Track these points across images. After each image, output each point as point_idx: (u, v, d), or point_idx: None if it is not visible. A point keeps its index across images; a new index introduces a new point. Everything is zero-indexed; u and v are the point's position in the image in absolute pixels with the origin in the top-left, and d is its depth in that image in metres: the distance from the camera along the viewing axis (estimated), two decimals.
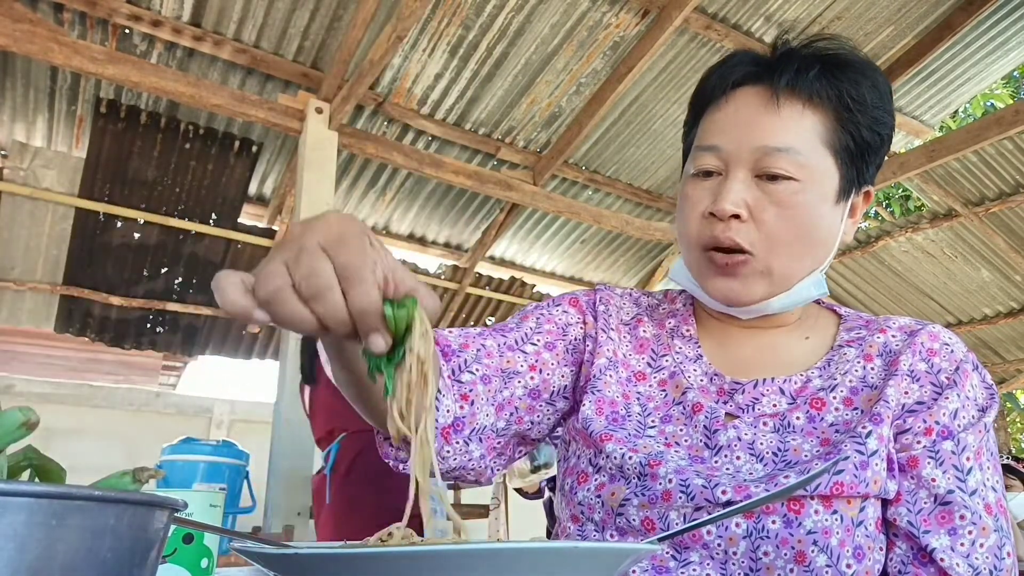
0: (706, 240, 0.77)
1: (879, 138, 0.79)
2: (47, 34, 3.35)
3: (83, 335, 5.03)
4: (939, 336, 0.80)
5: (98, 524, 0.28)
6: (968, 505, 0.70)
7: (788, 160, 0.74)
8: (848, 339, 0.82)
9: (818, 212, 0.76)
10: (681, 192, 0.82)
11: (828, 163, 0.77)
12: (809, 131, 0.76)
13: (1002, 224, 5.26)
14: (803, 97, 0.77)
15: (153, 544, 0.31)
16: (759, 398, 0.78)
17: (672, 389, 0.83)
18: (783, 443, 0.74)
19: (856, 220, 0.84)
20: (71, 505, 0.27)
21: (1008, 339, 6.43)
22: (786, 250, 0.75)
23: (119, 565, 0.29)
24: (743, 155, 0.76)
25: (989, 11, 4.25)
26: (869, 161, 0.80)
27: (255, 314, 0.45)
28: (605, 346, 0.86)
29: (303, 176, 3.93)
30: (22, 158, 4.28)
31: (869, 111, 0.77)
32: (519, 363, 0.83)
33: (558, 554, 0.39)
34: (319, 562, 0.37)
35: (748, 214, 0.75)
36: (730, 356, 0.84)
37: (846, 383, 0.77)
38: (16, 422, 0.34)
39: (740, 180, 0.75)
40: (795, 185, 0.75)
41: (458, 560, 0.36)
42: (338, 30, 3.89)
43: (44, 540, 0.27)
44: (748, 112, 0.78)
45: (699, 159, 0.79)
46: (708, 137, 0.80)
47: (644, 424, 0.80)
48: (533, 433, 0.86)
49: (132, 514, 0.30)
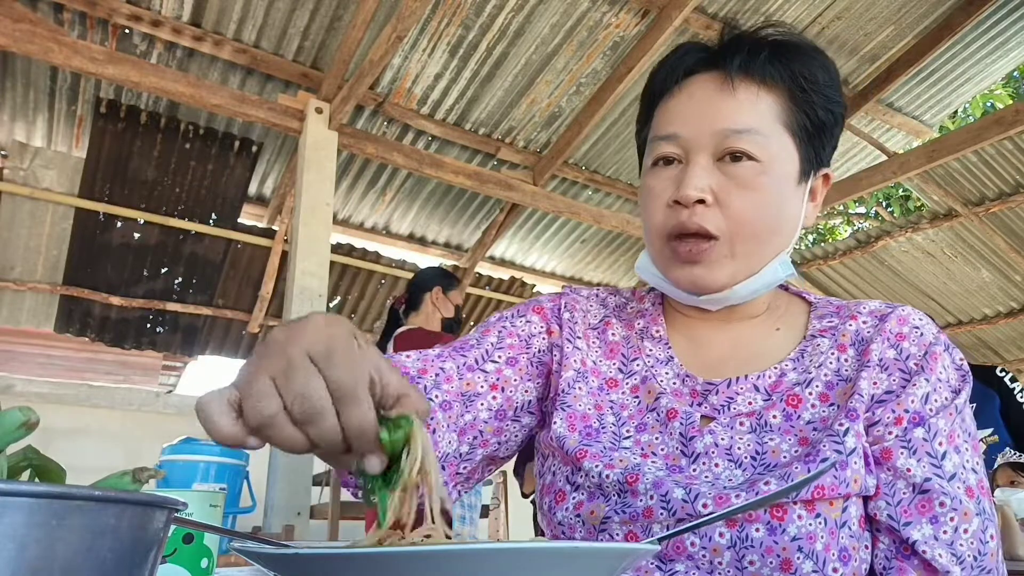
0: (672, 228, 0.76)
1: (833, 117, 0.80)
2: (47, 34, 3.35)
3: (83, 335, 5.03)
4: (908, 319, 0.78)
5: (98, 524, 0.28)
6: (947, 491, 0.68)
7: (749, 141, 0.74)
8: (820, 328, 0.81)
9: (781, 193, 0.76)
10: (642, 185, 0.82)
11: (787, 143, 0.77)
12: (767, 112, 0.76)
13: (1002, 224, 5.26)
14: (757, 79, 0.77)
15: (153, 544, 0.31)
16: (734, 397, 0.77)
17: (645, 395, 0.81)
18: (761, 444, 0.73)
19: (817, 204, 0.83)
20: (71, 505, 0.27)
21: (1008, 339, 6.42)
22: (752, 233, 0.75)
23: (119, 565, 0.29)
24: (703, 140, 0.76)
25: (989, 11, 4.25)
26: (825, 141, 0.80)
27: (249, 442, 0.43)
28: (572, 357, 0.85)
29: (303, 176, 3.93)
30: (22, 158, 4.28)
31: (822, 90, 0.78)
32: (479, 384, 0.81)
33: (558, 554, 0.39)
34: (319, 562, 0.37)
35: (713, 199, 0.75)
36: (701, 355, 0.83)
37: (821, 377, 0.76)
38: (16, 422, 0.34)
39: (702, 166, 0.75)
40: (758, 166, 0.75)
41: (458, 560, 0.36)
42: (338, 30, 3.89)
43: (44, 540, 0.27)
44: (704, 97, 0.78)
45: (658, 148, 0.79)
46: (665, 126, 0.79)
47: (619, 434, 0.79)
48: (501, 452, 0.84)
49: (132, 514, 0.30)
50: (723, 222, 0.75)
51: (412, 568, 0.36)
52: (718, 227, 0.75)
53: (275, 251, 5.08)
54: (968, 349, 6.67)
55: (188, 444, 3.01)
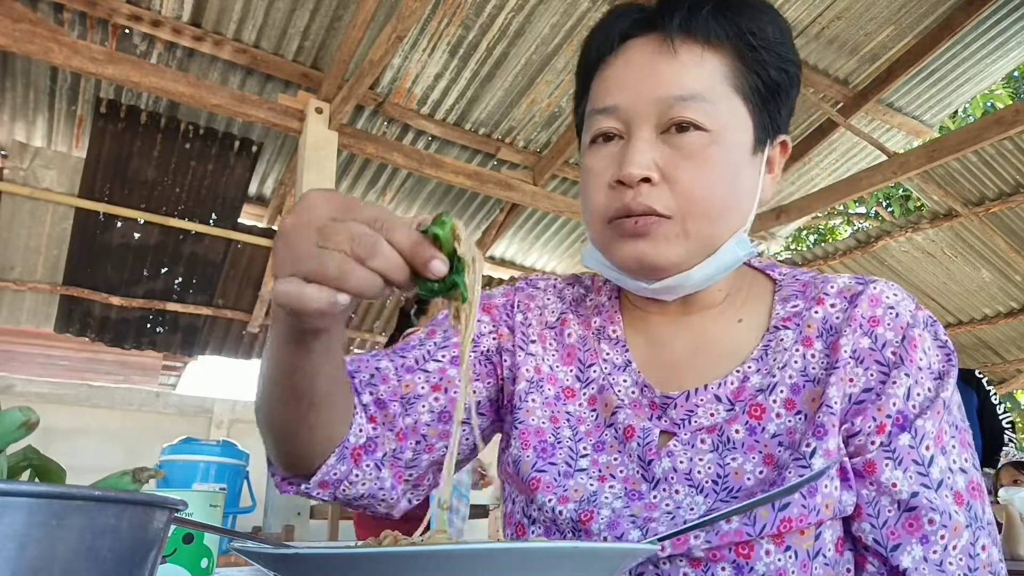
0: (616, 211, 0.69)
1: (788, 77, 0.73)
2: (47, 34, 3.35)
3: (83, 335, 5.03)
4: (881, 299, 0.71)
5: (98, 524, 0.28)
6: (935, 505, 0.63)
7: (695, 108, 0.67)
8: (784, 316, 0.73)
9: (735, 164, 0.69)
10: (582, 167, 0.74)
11: (739, 108, 0.70)
12: (713, 74, 0.69)
13: (1002, 224, 5.25)
14: (700, 39, 0.70)
15: (153, 544, 0.31)
16: (694, 410, 0.71)
17: (602, 408, 0.75)
18: (723, 466, 0.67)
19: (775, 175, 0.76)
20: (71, 505, 0.27)
21: (1008, 339, 6.42)
22: (704, 210, 0.68)
23: (119, 565, 0.29)
24: (644, 110, 0.69)
25: (989, 11, 4.25)
26: (780, 104, 0.73)
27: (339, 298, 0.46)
28: (525, 365, 0.79)
29: (303, 176, 3.93)
30: (22, 158, 4.28)
31: (773, 48, 0.71)
32: (419, 385, 0.76)
33: (558, 554, 0.39)
34: (319, 562, 0.37)
35: (659, 176, 0.68)
36: (660, 358, 0.76)
37: (786, 379, 0.69)
38: (16, 422, 0.34)
39: (645, 139, 0.68)
40: (706, 136, 0.68)
41: (458, 560, 0.36)
42: (338, 30, 3.89)
43: (44, 540, 0.27)
44: (642, 62, 0.70)
45: (596, 123, 0.72)
46: (602, 98, 0.72)
47: (576, 452, 0.74)
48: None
49: (132, 514, 0.30)
50: (672, 200, 0.68)
51: (412, 568, 0.36)
52: (667, 206, 0.68)
53: None
54: (968, 349, 6.68)
55: (188, 444, 3.01)
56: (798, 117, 4.95)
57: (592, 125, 0.72)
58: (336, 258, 0.46)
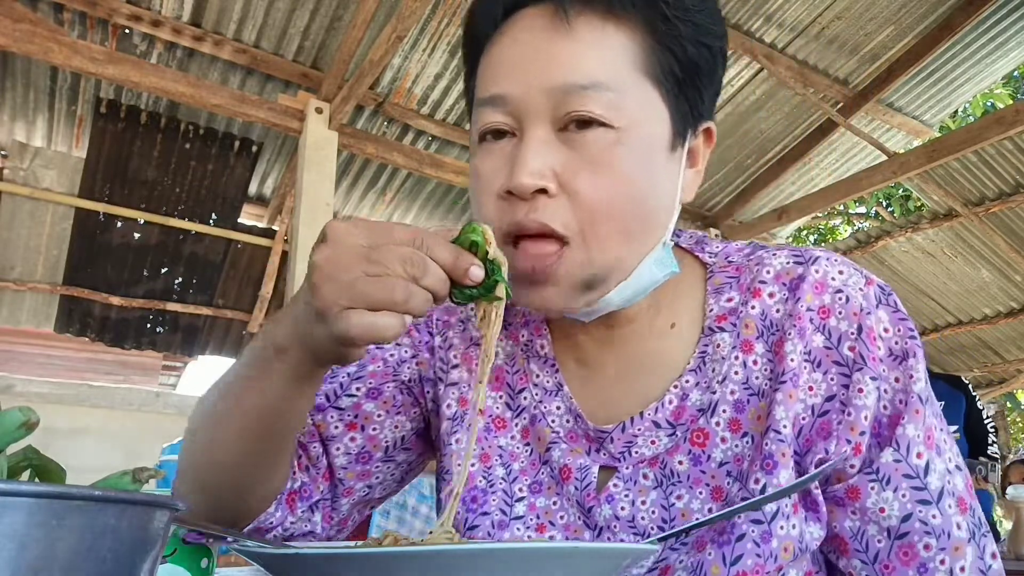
0: (508, 228, 0.58)
1: (709, 54, 0.61)
2: (47, 34, 3.35)
3: (83, 335, 5.03)
4: (827, 282, 0.61)
5: (98, 524, 0.28)
6: (933, 527, 0.55)
7: (596, 99, 0.56)
8: (719, 313, 0.64)
9: (648, 167, 0.58)
10: (470, 168, 0.63)
11: (651, 97, 0.58)
12: (617, 56, 0.57)
13: (1002, 224, 5.25)
14: (601, 10, 0.57)
15: (153, 544, 0.31)
16: (633, 441, 0.63)
17: (536, 442, 0.67)
18: (668, 506, 0.60)
19: (699, 168, 0.66)
20: (71, 505, 0.27)
21: (1008, 339, 6.42)
22: (613, 227, 0.57)
23: (119, 565, 0.29)
24: (536, 102, 0.57)
25: (989, 11, 4.24)
26: (702, 87, 0.61)
27: (407, 322, 0.48)
28: (447, 399, 0.70)
29: (303, 176, 3.93)
30: (22, 158, 4.28)
31: (692, 17, 0.59)
32: (332, 425, 0.70)
33: (558, 554, 0.39)
34: (319, 562, 0.37)
35: (557, 185, 0.57)
36: (591, 382, 0.67)
37: (727, 396, 0.61)
38: (16, 422, 0.34)
39: (539, 139, 0.57)
40: (612, 134, 0.56)
41: (458, 560, 0.36)
42: (338, 30, 3.89)
43: (44, 540, 0.27)
44: (531, 41, 0.58)
45: (482, 117, 0.60)
46: (487, 85, 0.60)
47: (511, 495, 0.65)
48: (376, 494, 0.74)
49: (132, 514, 0.30)
50: (572, 216, 0.57)
51: (412, 568, 0.36)
52: (566, 223, 0.57)
53: (275, 251, 5.08)
54: (968, 349, 6.68)
55: None
56: (798, 117, 4.95)
57: (478, 119, 0.61)
58: (400, 282, 0.47)
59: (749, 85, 4.65)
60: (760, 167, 5.36)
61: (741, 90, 4.67)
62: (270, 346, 0.57)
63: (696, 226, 5.69)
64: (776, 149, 5.22)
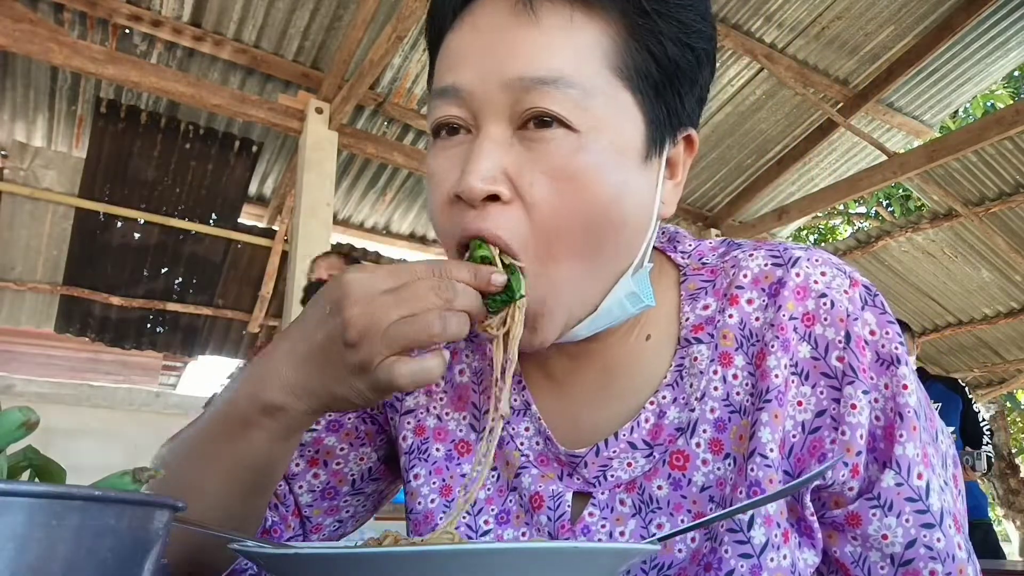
0: (460, 237, 0.53)
1: (693, 56, 0.54)
2: (47, 34, 3.35)
3: (83, 335, 5.03)
4: (810, 285, 0.56)
5: (98, 524, 0.28)
6: (937, 551, 0.52)
7: (558, 96, 0.50)
8: (695, 322, 0.59)
9: (616, 178, 0.52)
10: (427, 166, 0.58)
11: (622, 99, 0.52)
12: (586, 50, 0.51)
13: (1002, 224, 5.25)
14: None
15: (153, 544, 0.31)
16: (608, 464, 0.58)
17: (504, 467, 0.62)
18: (647, 535, 0.56)
19: (679, 180, 0.59)
20: (71, 505, 0.27)
21: (1008, 339, 6.42)
22: (572, 247, 0.52)
23: (119, 565, 0.29)
24: (492, 95, 0.51)
25: (989, 11, 4.25)
26: (683, 91, 0.55)
27: (445, 355, 0.49)
28: (403, 430, 0.66)
29: (303, 176, 3.93)
30: (22, 158, 4.28)
31: (675, 13, 0.53)
32: (293, 463, 0.67)
33: (558, 554, 0.39)
34: (319, 562, 0.37)
35: (511, 191, 0.51)
36: (562, 400, 0.63)
37: (707, 414, 0.56)
38: (16, 422, 0.34)
39: (493, 138, 0.51)
40: (574, 139, 0.50)
41: (458, 560, 0.36)
42: (338, 30, 3.89)
43: (44, 540, 0.27)
44: (491, 29, 0.52)
45: (436, 110, 0.55)
46: (442, 75, 0.54)
47: (476, 530, 0.61)
48: (348, 527, 0.72)
49: (132, 514, 0.30)
50: (528, 231, 0.51)
51: (412, 568, 0.36)
52: (521, 238, 0.51)
53: (275, 251, 5.08)
54: (968, 349, 6.68)
55: None
56: (798, 117, 4.95)
57: (432, 112, 0.55)
58: (433, 315, 0.47)
59: (749, 85, 4.65)
60: (760, 167, 5.37)
61: (741, 90, 4.67)
62: (251, 407, 0.53)
63: (696, 226, 5.69)
64: (776, 149, 5.22)
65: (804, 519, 0.54)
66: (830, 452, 0.54)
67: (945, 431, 0.60)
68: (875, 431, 0.55)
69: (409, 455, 0.65)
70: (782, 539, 0.53)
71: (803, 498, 0.54)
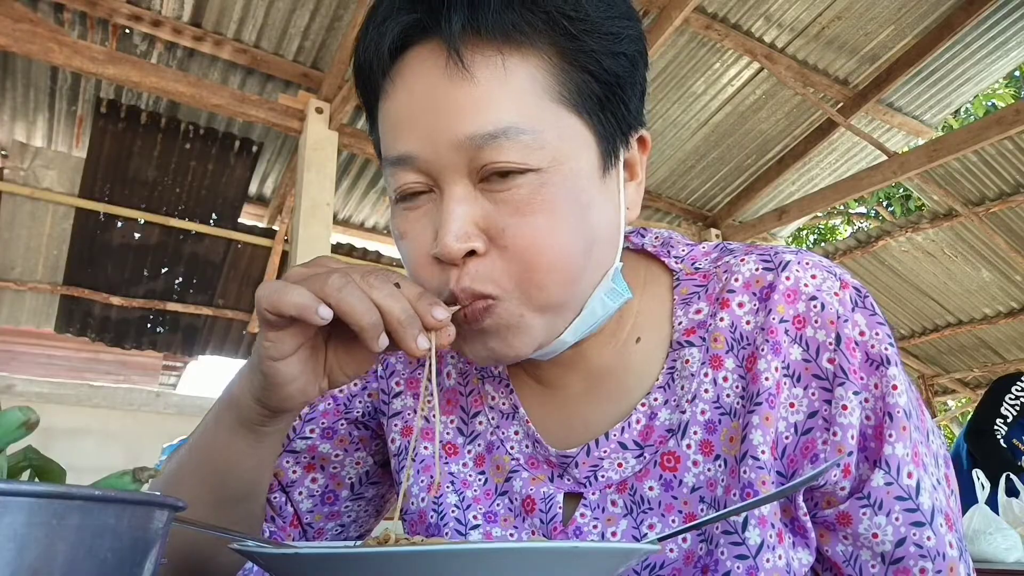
0: (447, 296, 0.54)
1: (628, 61, 0.55)
2: (47, 34, 3.35)
3: (83, 335, 5.03)
4: (800, 288, 0.57)
5: (98, 524, 0.28)
6: (928, 549, 0.53)
7: (510, 147, 0.51)
8: (687, 326, 0.61)
9: (581, 201, 0.53)
10: (392, 228, 0.59)
11: (571, 125, 0.53)
12: (525, 90, 0.51)
13: (1002, 224, 5.26)
14: (497, 41, 0.51)
15: (153, 544, 0.31)
16: (599, 464, 0.59)
17: (492, 470, 0.63)
18: (639, 536, 0.57)
19: (639, 179, 0.61)
20: (71, 505, 0.27)
21: (1008, 339, 6.42)
22: (550, 273, 0.53)
23: (119, 565, 0.29)
24: (447, 158, 0.52)
25: (989, 11, 4.24)
26: (627, 97, 0.56)
27: (320, 310, 0.47)
28: (391, 433, 0.67)
29: (303, 176, 3.93)
30: (22, 158, 4.28)
31: (600, 28, 0.53)
32: (289, 470, 0.68)
33: (558, 554, 0.39)
34: (319, 562, 0.37)
35: (485, 243, 0.52)
36: (552, 399, 0.64)
37: (698, 416, 0.57)
38: (16, 422, 0.34)
39: (458, 198, 0.52)
40: (535, 177, 0.51)
41: (458, 560, 0.36)
42: (338, 30, 3.89)
43: (44, 540, 0.27)
44: (427, 91, 0.52)
45: (395, 179, 0.55)
46: (392, 143, 0.55)
47: (465, 524, 0.62)
48: (352, 531, 0.72)
49: (132, 514, 0.30)
50: (506, 274, 0.53)
51: (412, 568, 0.36)
52: (500, 283, 0.53)
53: (275, 251, 5.08)
54: (968, 349, 6.68)
55: None
56: (798, 117, 4.95)
57: (392, 180, 0.56)
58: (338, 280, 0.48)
59: (749, 85, 4.65)
60: (760, 167, 5.37)
61: (741, 90, 4.67)
62: (219, 405, 0.57)
63: (696, 226, 5.69)
64: (776, 149, 5.22)
65: (797, 519, 0.55)
66: (822, 453, 0.55)
67: (937, 431, 0.61)
68: (865, 431, 0.55)
69: (398, 456, 0.66)
70: (776, 539, 0.54)
71: (796, 498, 0.55)
